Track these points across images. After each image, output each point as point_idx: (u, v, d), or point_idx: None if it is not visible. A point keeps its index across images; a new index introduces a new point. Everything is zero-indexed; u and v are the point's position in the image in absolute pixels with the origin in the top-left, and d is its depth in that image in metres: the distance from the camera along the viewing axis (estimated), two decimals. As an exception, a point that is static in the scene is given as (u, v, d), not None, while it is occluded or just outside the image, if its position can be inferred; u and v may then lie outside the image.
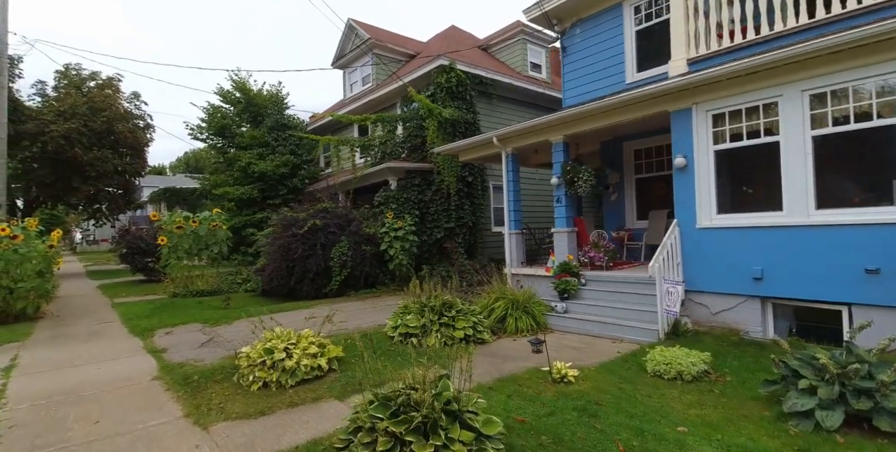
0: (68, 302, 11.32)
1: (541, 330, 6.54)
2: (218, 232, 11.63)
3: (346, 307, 9.28)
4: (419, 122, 12.53)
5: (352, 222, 11.08)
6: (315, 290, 10.43)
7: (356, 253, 10.64)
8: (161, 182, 54.72)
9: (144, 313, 9.27)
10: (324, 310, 8.88)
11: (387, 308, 9.06)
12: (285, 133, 15.81)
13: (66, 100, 19.75)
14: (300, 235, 10.39)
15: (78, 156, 18.95)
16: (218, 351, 6.18)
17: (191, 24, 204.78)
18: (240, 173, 15.08)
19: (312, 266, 10.21)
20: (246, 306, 10.09)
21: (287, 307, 9.41)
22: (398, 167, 11.99)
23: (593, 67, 9.20)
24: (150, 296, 11.99)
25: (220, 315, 8.74)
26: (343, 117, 12.91)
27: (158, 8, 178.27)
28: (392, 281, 11.30)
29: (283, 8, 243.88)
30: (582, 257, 7.21)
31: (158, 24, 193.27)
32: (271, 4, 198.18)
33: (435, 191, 12.40)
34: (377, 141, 12.98)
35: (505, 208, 8.52)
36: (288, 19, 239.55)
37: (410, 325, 5.79)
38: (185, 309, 9.63)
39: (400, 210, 11.76)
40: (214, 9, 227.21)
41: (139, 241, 15.17)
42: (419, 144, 12.59)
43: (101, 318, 8.94)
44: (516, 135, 8.07)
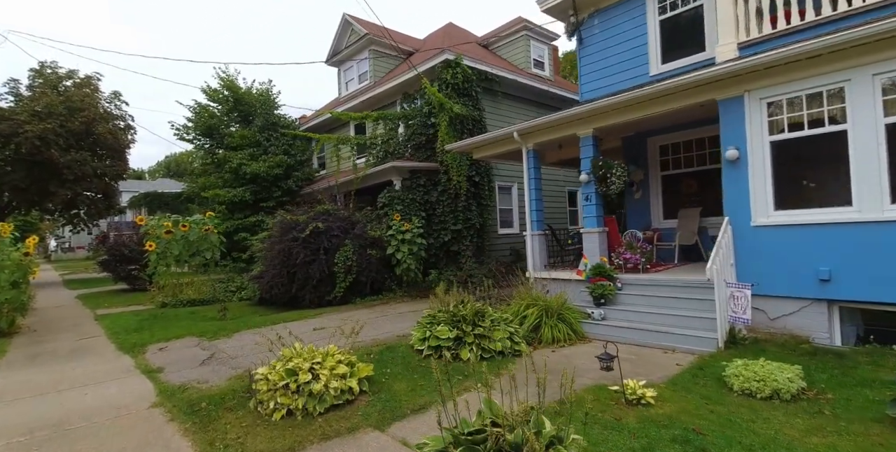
0: (46, 314, 10.41)
1: (578, 340, 6.00)
2: (210, 236, 10.86)
3: (355, 316, 8.62)
4: (423, 120, 11.96)
5: (356, 225, 10.42)
6: (318, 298, 9.74)
7: (361, 257, 9.98)
8: (141, 186, 53.04)
9: (132, 326, 8.47)
10: (332, 320, 8.22)
11: (399, 316, 8.43)
12: (277, 132, 15.07)
13: (41, 99, 18.67)
14: (302, 239, 9.70)
15: (54, 158, 17.89)
16: (222, 369, 5.48)
17: (189, 24, 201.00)
18: (230, 175, 14.29)
19: (315, 272, 9.52)
20: (244, 316, 9.35)
21: (290, 317, 8.71)
22: (403, 166, 11.38)
23: (614, 59, 8.76)
24: (137, 307, 11.13)
25: (218, 327, 8.00)
26: (342, 115, 12.26)
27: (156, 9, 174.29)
28: (399, 287, 10.66)
29: (283, 8, 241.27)
30: (615, 259, 6.71)
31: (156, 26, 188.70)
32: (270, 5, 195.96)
33: (441, 192, 11.81)
34: (379, 139, 12.36)
35: (526, 208, 7.97)
36: (287, 19, 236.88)
37: (441, 337, 5.18)
38: (177, 321, 8.85)
39: (406, 211, 11.14)
40: (213, 9, 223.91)
41: (122, 248, 14.25)
42: (423, 143, 12.01)
43: (84, 333, 8.12)
44: (539, 130, 7.55)
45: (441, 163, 11.77)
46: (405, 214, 11.12)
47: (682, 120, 7.64)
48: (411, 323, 7.72)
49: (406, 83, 13.30)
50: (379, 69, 15.52)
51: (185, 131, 15.72)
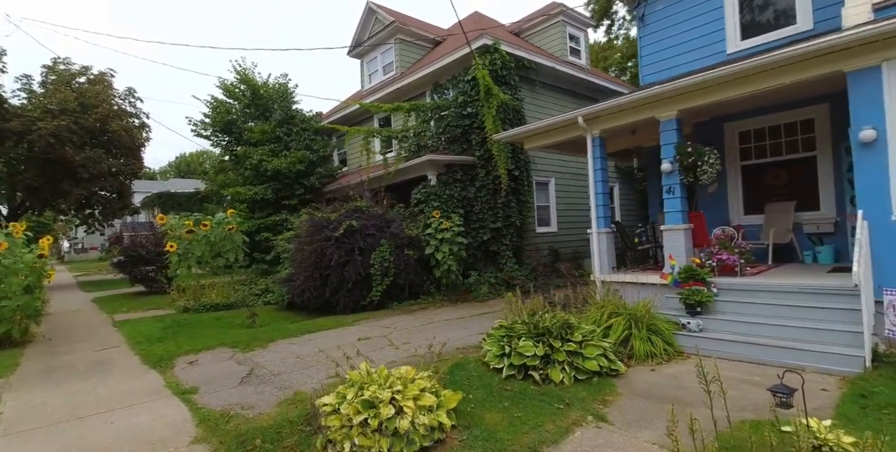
0: (60, 320, 9.75)
1: (676, 355, 5.16)
2: (233, 236, 10.13)
3: (397, 323, 7.83)
4: (458, 110, 11.14)
5: (391, 223, 9.64)
6: (353, 303, 8.97)
7: (398, 258, 9.19)
8: (153, 187, 52.81)
9: (155, 334, 7.75)
10: (373, 328, 7.43)
11: (446, 324, 7.62)
12: (296, 127, 14.33)
13: (54, 95, 18.14)
14: (335, 239, 8.94)
15: (69, 156, 17.33)
16: (267, 391, 4.70)
17: (189, 25, 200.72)
18: (251, 172, 13.58)
19: (351, 274, 8.75)
20: (274, 322, 8.61)
21: (325, 324, 7.94)
22: (439, 160, 10.57)
23: (682, 38, 7.89)
24: (156, 311, 10.44)
25: (249, 335, 7.25)
26: (372, 106, 11.49)
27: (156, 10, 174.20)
28: (437, 291, 9.86)
29: (283, 8, 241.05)
30: (706, 260, 5.84)
31: (156, 27, 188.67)
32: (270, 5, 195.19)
33: (479, 188, 11.00)
34: (412, 132, 11.56)
35: (592, 203, 7.11)
36: (288, 19, 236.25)
37: (526, 354, 4.36)
38: (202, 329, 8.13)
39: (442, 208, 10.34)
40: (213, 10, 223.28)
41: (138, 249, 13.61)
42: (458, 135, 11.19)
43: (103, 342, 7.41)
44: (610, 114, 6.69)
45: (478, 157, 10.97)
46: (442, 211, 10.31)
47: (768, 102, 6.76)
48: (465, 332, 6.92)
49: (437, 72, 12.49)
50: (405, 59, 14.72)
51: (202, 127, 15.03)
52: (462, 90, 11.32)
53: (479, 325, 7.37)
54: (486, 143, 10.83)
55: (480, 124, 10.80)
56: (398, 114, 11.40)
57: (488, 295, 9.93)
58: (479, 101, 10.86)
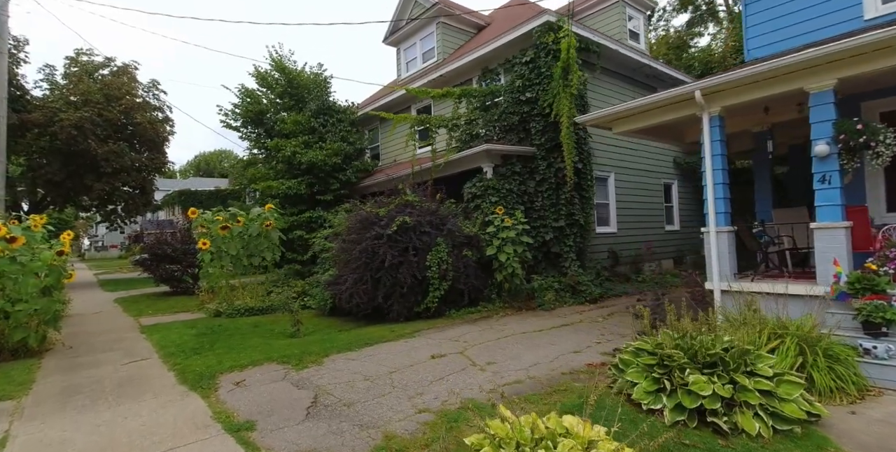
0: (82, 323, 8.86)
1: (867, 390, 3.98)
2: (270, 233, 9.15)
3: (465, 335, 6.74)
4: (516, 96, 10.03)
5: (446, 220, 8.56)
6: (406, 309, 7.91)
7: (457, 260, 8.12)
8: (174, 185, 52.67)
9: (189, 343, 6.78)
10: (437, 341, 6.35)
11: (524, 338, 6.51)
12: (332, 118, 13.35)
13: (77, 86, 17.47)
14: (387, 237, 7.89)
15: (91, 149, 16.61)
16: (345, 429, 3.64)
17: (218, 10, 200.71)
18: (283, 165, 12.64)
19: (405, 277, 7.69)
20: (320, 331, 7.60)
21: (380, 334, 6.88)
22: (497, 150, 9.48)
23: (804, 3, 6.68)
24: (186, 315, 9.51)
25: (298, 347, 6.22)
26: (418, 91, 10.43)
27: None
28: (498, 297, 8.75)
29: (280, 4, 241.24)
30: (881, 266, 4.64)
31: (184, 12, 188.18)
32: None
33: (539, 181, 9.88)
34: (463, 119, 10.48)
35: (709, 196, 5.92)
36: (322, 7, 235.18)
37: (702, 394, 3.22)
38: (241, 338, 7.13)
39: (502, 204, 9.25)
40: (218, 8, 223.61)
41: (164, 246, 12.76)
42: (515, 123, 10.08)
43: (130, 352, 6.45)
44: (738, 87, 5.51)
45: (538, 147, 9.85)
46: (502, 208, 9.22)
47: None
48: (554, 350, 5.80)
49: (487, 57, 11.42)
50: (448, 45, 13.67)
51: (231, 116, 14.16)
52: (519, 73, 10.22)
53: (567, 341, 6.24)
54: (546, 132, 9.72)
55: (541, 110, 9.69)
56: (446, 101, 10.33)
57: (554, 303, 8.79)
58: (539, 86, 9.76)
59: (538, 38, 9.83)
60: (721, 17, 30.10)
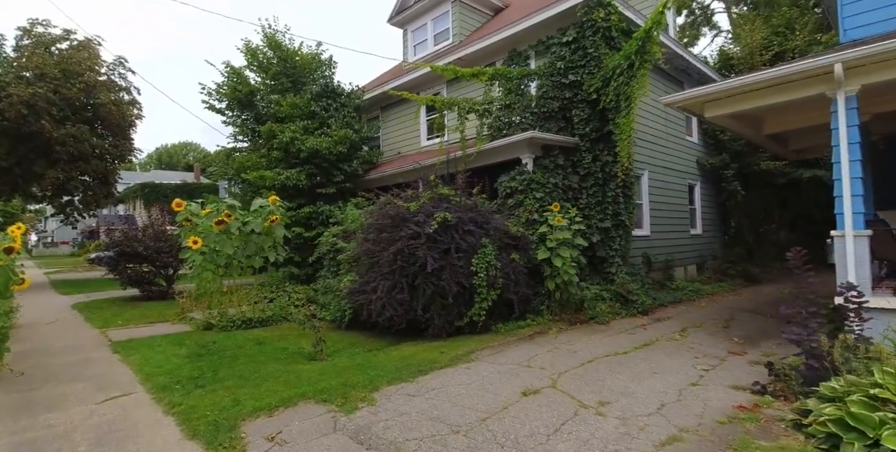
0: (34, 338, 7.12)
1: None
2: (275, 230, 7.65)
3: (535, 359, 5.51)
4: (557, 79, 8.89)
5: (489, 217, 7.33)
6: (448, 323, 6.61)
7: (506, 264, 6.88)
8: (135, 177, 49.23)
9: (183, 368, 5.27)
10: (510, 369, 5.09)
11: (612, 362, 5.35)
12: (336, 102, 11.87)
13: (31, 59, 15.26)
14: (427, 236, 6.57)
15: (46, 131, 14.50)
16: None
17: None
18: (280, 152, 11.06)
19: (450, 284, 6.39)
20: (344, 349, 6.21)
21: (427, 356, 5.56)
22: (542, 139, 8.31)
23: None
24: (165, 327, 7.89)
25: (330, 375, 4.83)
26: (445, 69, 9.12)
27: None
28: (546, 308, 7.55)
29: None
30: None
31: None
32: None
33: (584, 176, 8.77)
34: (496, 104, 9.24)
35: (844, 192, 4.90)
36: None
37: None
38: (249, 361, 5.65)
39: (548, 201, 8.08)
40: None
41: (134, 244, 10.96)
42: (555, 110, 8.93)
43: (105, 382, 4.90)
44: (891, 59, 4.51)
45: (582, 137, 8.75)
46: (543, 204, 8.06)
47: None
48: (662, 380, 4.65)
49: (516, 37, 10.26)
50: (465, 25, 12.44)
51: (217, 97, 12.44)
52: (558, 55, 9.09)
53: (668, 368, 5.10)
54: (591, 121, 8.63)
55: (586, 96, 8.59)
56: (462, 88, 9.06)
57: (607, 315, 7.68)
58: (584, 68, 8.66)
59: (584, 14, 8.72)
60: (714, 22, 30.12)
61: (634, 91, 7.31)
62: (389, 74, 15.48)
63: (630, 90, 7.34)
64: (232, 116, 13.01)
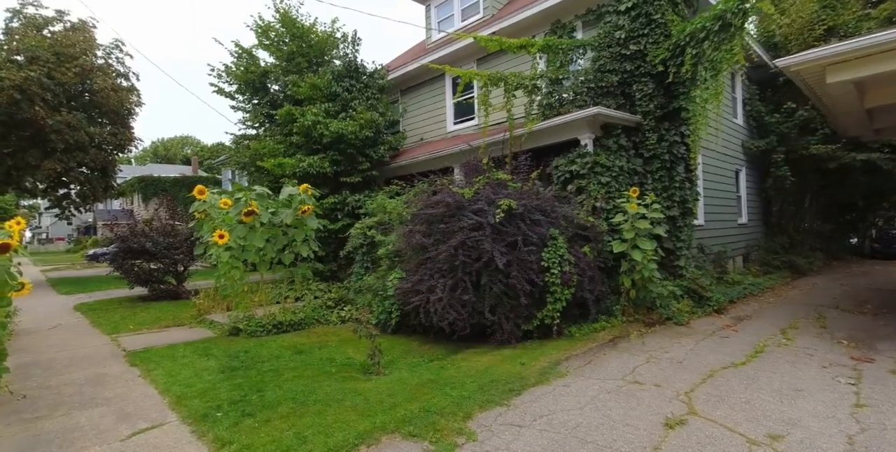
0: (36, 348, 6.19)
1: None
2: (308, 221, 6.72)
3: (636, 371, 4.63)
4: (617, 50, 7.92)
5: (554, 206, 6.42)
6: (516, 326, 5.72)
7: (579, 259, 5.99)
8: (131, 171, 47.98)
9: (220, 389, 4.36)
10: (624, 385, 4.21)
11: (732, 375, 4.49)
12: (359, 82, 10.86)
13: (23, 40, 14.13)
14: (492, 227, 5.66)
15: (40, 118, 13.42)
16: None
17: None
18: (300, 138, 10.08)
19: (521, 282, 5.50)
20: (400, 360, 5.31)
21: (508, 370, 4.68)
22: (605, 117, 7.36)
23: None
24: (182, 332, 6.99)
25: (404, 398, 3.93)
26: (490, 40, 8.13)
27: None
28: (619, 308, 6.66)
29: None
30: None
31: None
32: None
33: (648, 159, 7.86)
34: (546, 79, 8.27)
35: None
36: None
37: None
38: (296, 376, 4.74)
39: (614, 187, 7.18)
40: None
41: (140, 239, 10.02)
42: (614, 85, 7.96)
43: (127, 407, 3.98)
44: None
45: (645, 116, 7.81)
46: (610, 191, 7.15)
47: None
48: (817, 401, 3.77)
49: (560, 7, 9.26)
50: (497, -1, 11.41)
51: (226, 79, 11.41)
52: (615, 24, 8.11)
53: (810, 383, 4.24)
54: (656, 97, 7.70)
55: (650, 69, 7.65)
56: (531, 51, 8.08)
57: (685, 314, 6.82)
58: (647, 37, 7.70)
59: (645, -23, 7.73)
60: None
61: (725, 58, 6.34)
62: (409, 55, 14.46)
63: (719, 56, 6.38)
64: (243, 100, 11.98)
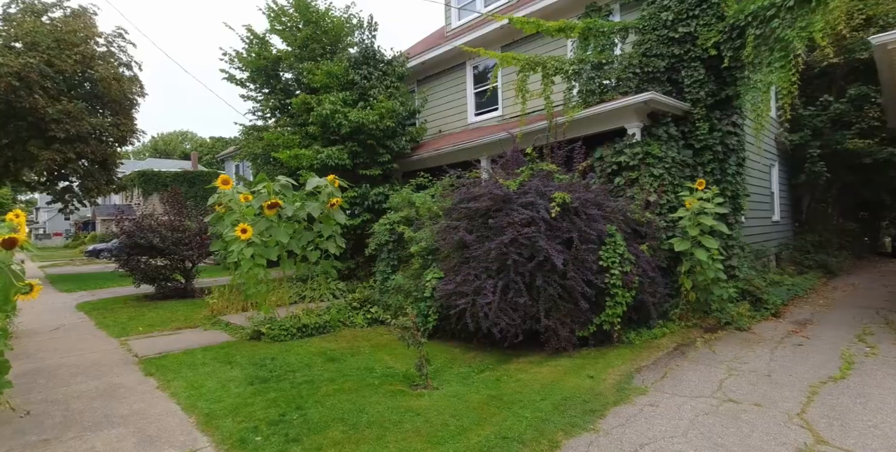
0: (38, 354, 5.61)
1: None
2: (336, 214, 6.15)
3: (724, 387, 4.10)
4: (665, 33, 7.34)
5: (606, 200, 5.87)
6: (570, 332, 5.17)
7: (639, 259, 5.44)
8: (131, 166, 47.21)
9: (254, 406, 3.80)
10: (721, 404, 3.67)
11: (849, 392, 3.93)
12: (377, 69, 10.26)
13: (21, 26, 13.48)
14: (546, 222, 5.11)
15: (39, 107, 12.80)
16: None
17: None
18: (317, 128, 9.48)
19: (580, 283, 4.95)
20: (445, 370, 4.75)
21: (576, 384, 4.13)
22: (657, 103, 6.79)
23: None
24: (195, 334, 6.44)
25: (468, 418, 3.39)
26: (526, 23, 7.54)
27: None
28: (676, 313, 6.11)
29: None
30: None
31: None
32: None
33: (699, 150, 7.30)
34: (588, 64, 7.68)
35: None
36: None
37: None
38: (334, 391, 4.18)
39: (667, 180, 6.62)
40: None
41: (148, 234, 9.43)
42: (661, 70, 7.36)
43: (146, 426, 3.43)
44: None
45: (694, 104, 7.24)
46: (663, 184, 6.60)
47: None
48: None
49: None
50: (524, -18, 10.79)
51: (238, 65, 10.79)
52: (661, 5, 7.52)
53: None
54: (707, 83, 7.12)
55: (700, 54, 7.08)
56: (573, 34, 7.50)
57: (745, 319, 6.27)
58: (697, 19, 7.13)
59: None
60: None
61: (801, 36, 5.76)
62: (424, 44, 13.85)
63: (792, 34, 5.79)
64: (254, 89, 11.37)
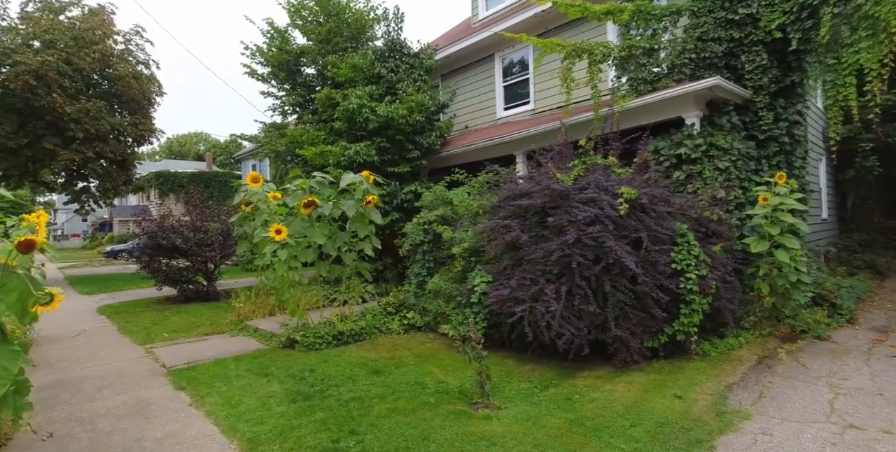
0: (60, 363, 5.24)
1: None
2: (372, 214, 5.70)
3: (838, 406, 3.55)
4: (722, 15, 6.76)
5: (672, 196, 5.34)
6: (640, 343, 4.64)
7: (714, 261, 4.90)
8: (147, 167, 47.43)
9: (297, 426, 3.36)
10: (847, 431, 3.08)
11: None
12: (404, 62, 9.80)
13: (39, 24, 13.27)
14: (613, 220, 4.59)
15: (58, 105, 12.56)
16: None
17: None
18: (343, 123, 9.05)
19: (653, 289, 4.43)
20: (504, 387, 4.25)
21: (669, 409, 3.64)
22: (722, 90, 6.22)
23: None
24: (225, 342, 6.02)
25: (547, 448, 2.89)
26: (571, 7, 7.02)
27: None
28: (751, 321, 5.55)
29: None
30: None
31: None
32: None
33: (762, 142, 6.71)
34: (640, 48, 7.12)
35: None
36: None
37: None
38: (388, 411, 3.72)
39: (733, 173, 6.06)
40: None
41: (170, 234, 9.09)
42: (718, 56, 6.77)
43: (181, 451, 2.99)
44: None
45: (756, 91, 6.65)
46: (729, 178, 6.03)
47: None
48: None
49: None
50: (558, -31, 10.23)
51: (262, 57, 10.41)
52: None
53: None
54: (770, 69, 6.52)
55: (763, 37, 6.49)
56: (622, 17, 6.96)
57: (823, 326, 5.69)
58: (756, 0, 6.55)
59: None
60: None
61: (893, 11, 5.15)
62: (449, 37, 13.38)
63: (884, 11, 5.19)
64: (276, 85, 10.99)
